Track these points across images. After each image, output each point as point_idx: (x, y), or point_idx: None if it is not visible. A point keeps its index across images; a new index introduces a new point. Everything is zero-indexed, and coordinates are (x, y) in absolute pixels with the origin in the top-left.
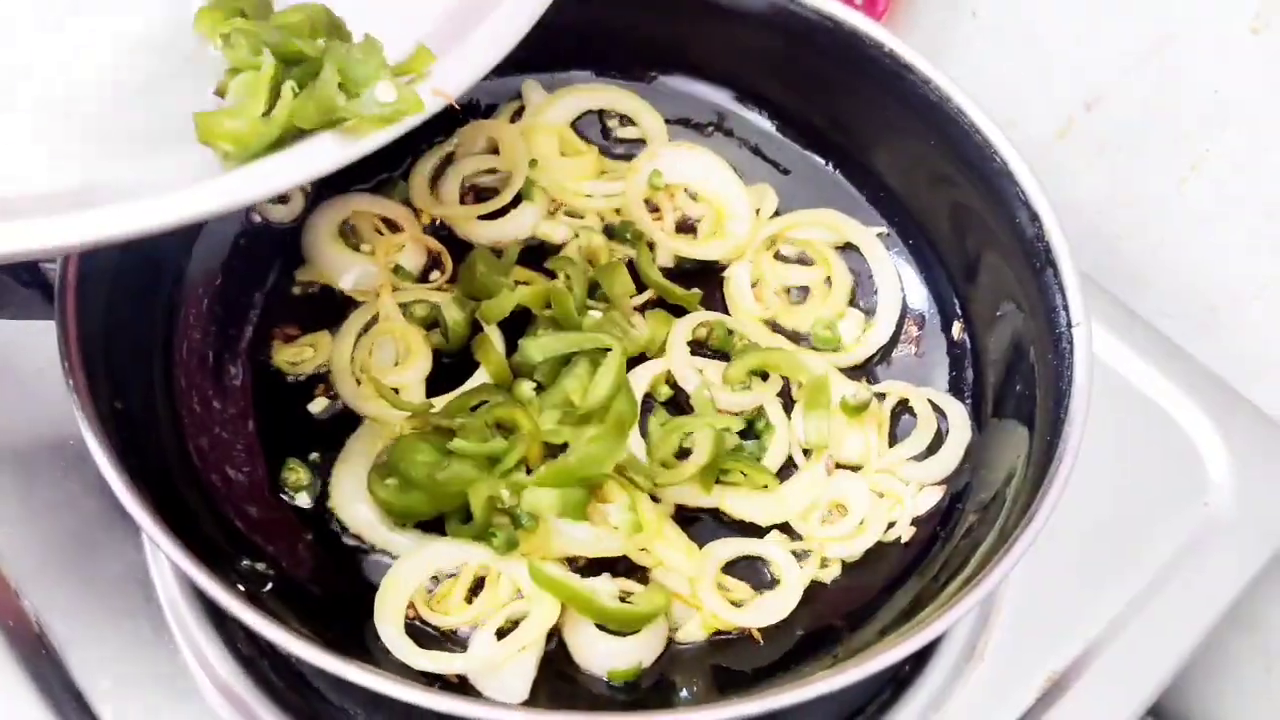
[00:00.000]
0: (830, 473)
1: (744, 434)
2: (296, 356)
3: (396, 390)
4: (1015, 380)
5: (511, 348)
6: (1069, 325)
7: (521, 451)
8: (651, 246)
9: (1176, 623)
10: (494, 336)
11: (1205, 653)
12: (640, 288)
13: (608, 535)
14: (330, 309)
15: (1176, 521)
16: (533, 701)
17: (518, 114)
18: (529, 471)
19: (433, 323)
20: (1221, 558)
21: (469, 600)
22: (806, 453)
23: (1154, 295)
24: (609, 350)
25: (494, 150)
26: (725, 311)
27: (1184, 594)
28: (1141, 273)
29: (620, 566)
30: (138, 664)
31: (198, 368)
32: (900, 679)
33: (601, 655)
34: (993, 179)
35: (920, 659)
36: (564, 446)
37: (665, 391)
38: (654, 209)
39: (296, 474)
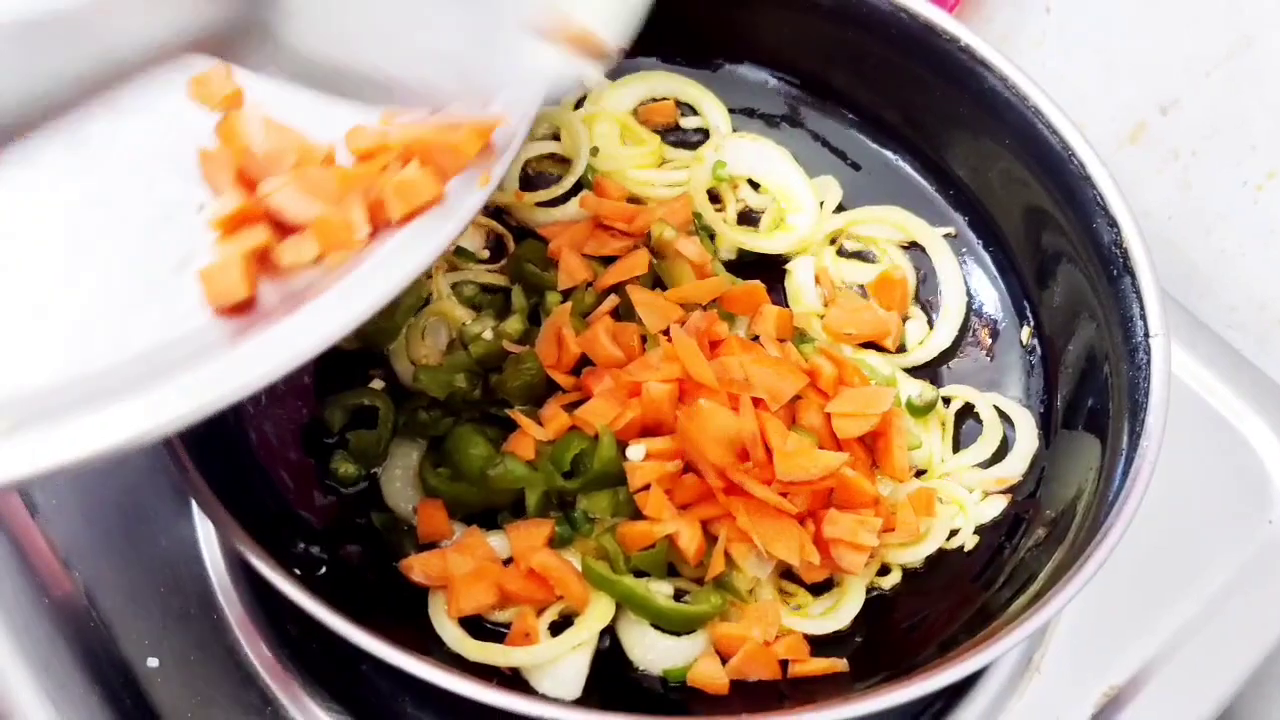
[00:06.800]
0: None
1: None
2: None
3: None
4: (1088, 391)
5: None
6: (1146, 336)
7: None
8: (712, 238)
9: (1237, 641)
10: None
11: (1264, 672)
12: None
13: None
14: None
15: (1239, 538)
16: (587, 699)
17: (581, 101)
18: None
19: (477, 305)
20: None
21: None
22: None
23: (1222, 305)
24: None
25: (555, 136)
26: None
27: (1246, 612)
28: (1210, 282)
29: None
30: (186, 641)
31: None
32: (954, 688)
33: (656, 654)
34: (1070, 182)
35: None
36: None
37: None
38: (715, 199)
39: (345, 467)
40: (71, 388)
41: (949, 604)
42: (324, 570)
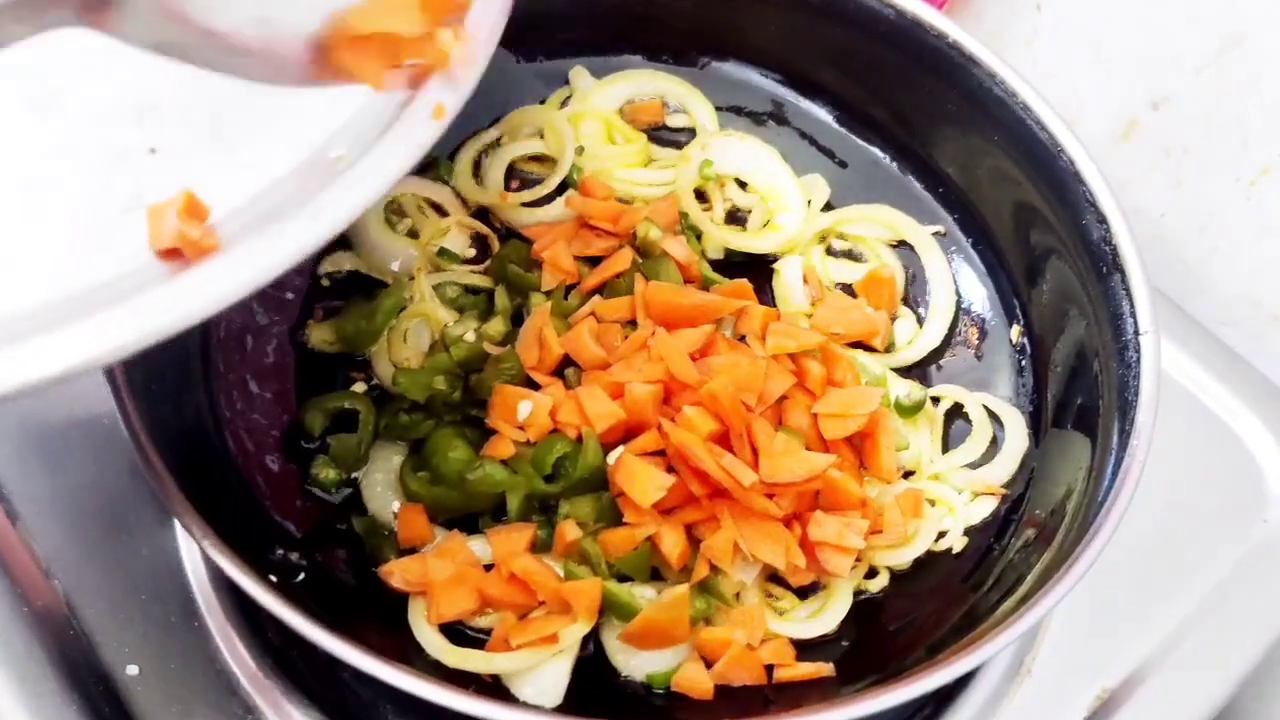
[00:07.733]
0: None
1: None
2: (332, 335)
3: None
4: (1077, 389)
5: None
6: (1136, 333)
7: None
8: (699, 237)
9: (1233, 641)
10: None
11: (1260, 673)
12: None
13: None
14: (368, 288)
15: (1234, 537)
16: (568, 706)
17: (568, 100)
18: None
19: (460, 306)
20: None
21: None
22: None
23: (1215, 303)
24: None
25: (541, 136)
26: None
27: (1241, 612)
28: (1202, 279)
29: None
30: (167, 649)
31: (236, 349)
32: (943, 693)
33: (639, 659)
34: (1059, 179)
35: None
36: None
37: None
38: (702, 199)
39: (326, 472)
40: (9, 324)
41: (937, 606)
42: (303, 577)
